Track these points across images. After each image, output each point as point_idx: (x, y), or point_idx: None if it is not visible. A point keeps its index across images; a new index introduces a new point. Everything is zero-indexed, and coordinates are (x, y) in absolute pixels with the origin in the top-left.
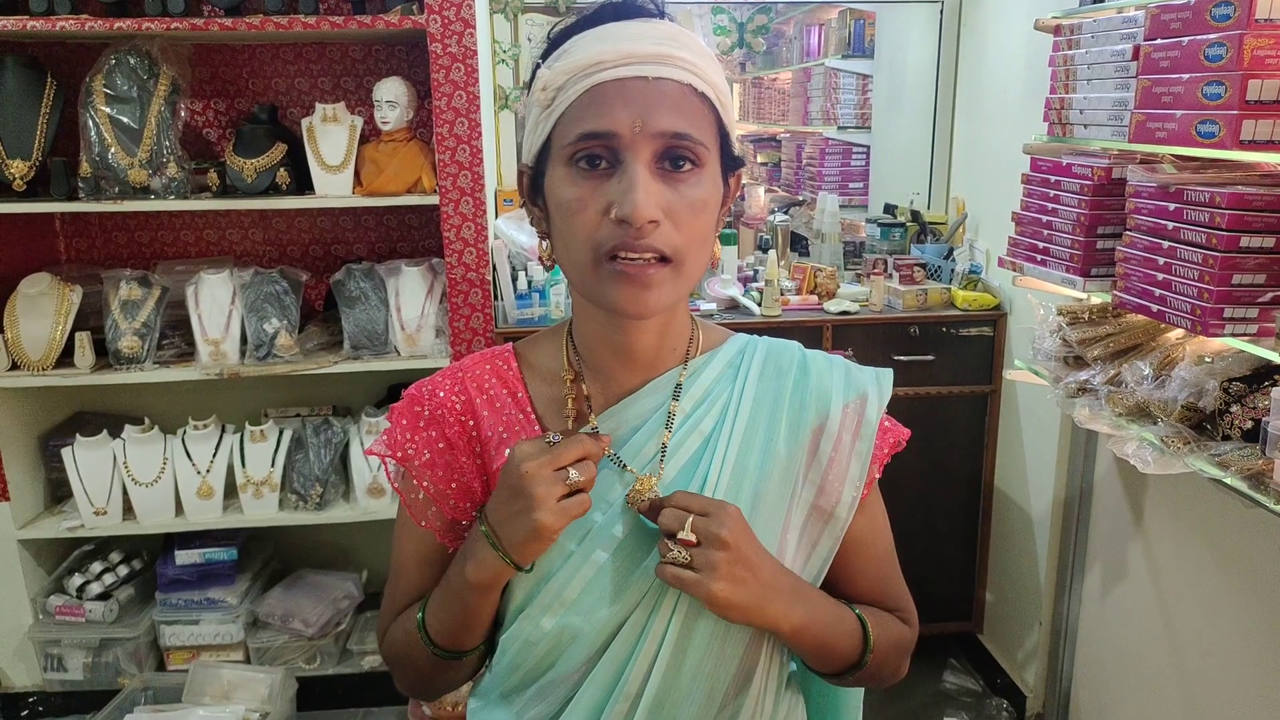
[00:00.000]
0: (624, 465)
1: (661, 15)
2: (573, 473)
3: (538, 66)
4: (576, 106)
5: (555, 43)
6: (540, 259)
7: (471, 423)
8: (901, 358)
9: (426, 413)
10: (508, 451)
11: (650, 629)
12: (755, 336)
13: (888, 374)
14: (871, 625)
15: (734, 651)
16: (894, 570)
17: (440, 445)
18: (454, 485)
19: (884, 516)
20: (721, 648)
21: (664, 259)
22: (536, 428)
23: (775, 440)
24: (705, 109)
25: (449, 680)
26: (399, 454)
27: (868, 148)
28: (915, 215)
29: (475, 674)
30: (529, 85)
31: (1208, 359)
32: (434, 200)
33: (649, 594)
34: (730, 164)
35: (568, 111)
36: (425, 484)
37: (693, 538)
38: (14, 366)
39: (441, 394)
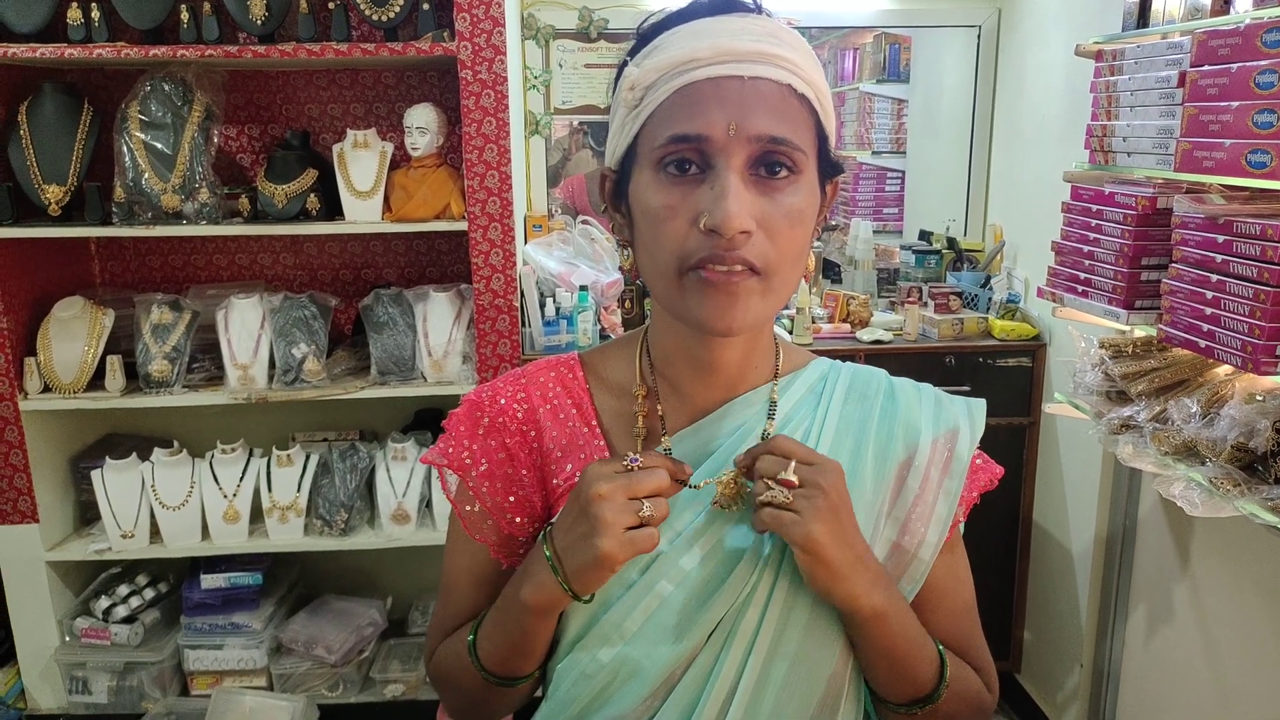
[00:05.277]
0: (697, 489)
1: (759, 10)
2: (646, 504)
3: (625, 64)
4: (666, 107)
5: (644, 39)
6: (621, 267)
7: (533, 433)
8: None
9: (487, 420)
10: (582, 470)
11: (720, 671)
12: (839, 361)
13: (980, 405)
14: (950, 662)
15: (812, 695)
16: (974, 627)
17: (500, 455)
18: (512, 499)
19: (967, 566)
20: (801, 692)
21: (754, 270)
22: (601, 443)
23: (859, 473)
24: (805, 111)
25: (498, 707)
26: (455, 463)
27: (902, 173)
28: (951, 242)
29: (526, 702)
30: (615, 84)
31: (1259, 397)
32: (463, 226)
33: (717, 632)
34: (828, 170)
35: (657, 112)
36: (482, 495)
37: (794, 479)
38: (46, 389)
39: (503, 401)
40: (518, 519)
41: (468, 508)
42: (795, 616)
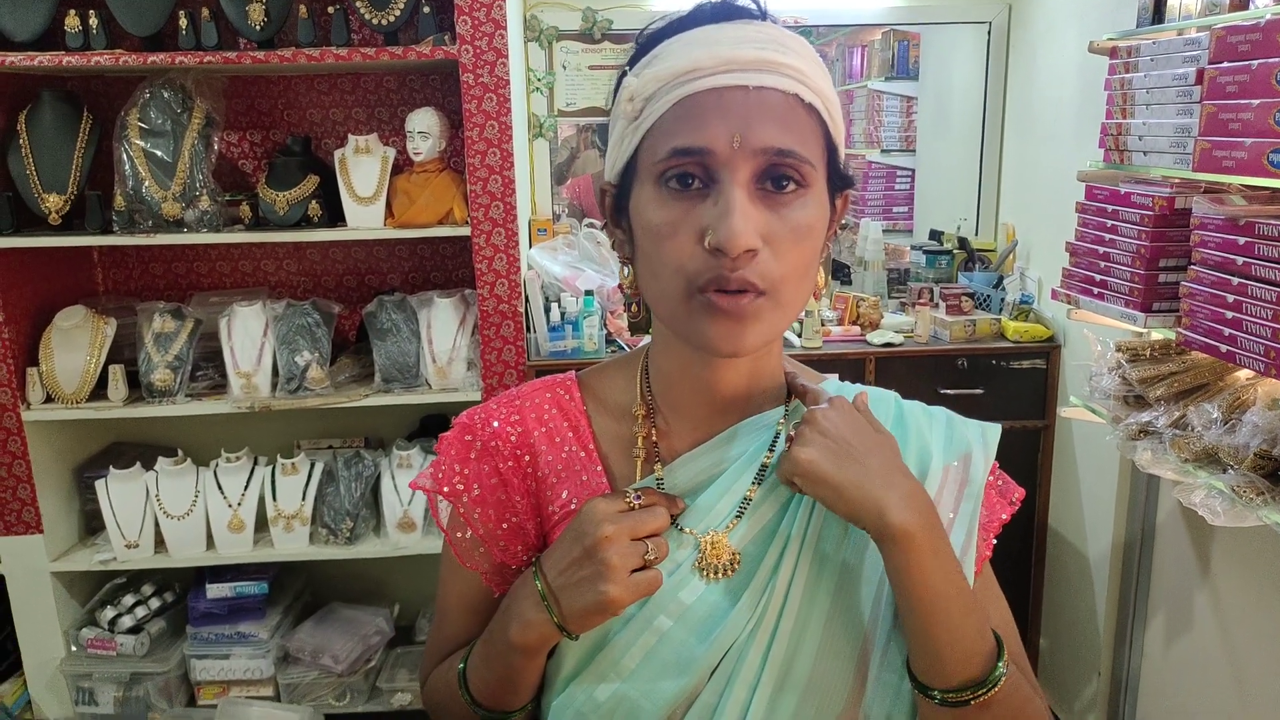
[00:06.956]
0: (682, 533)
1: (764, 16)
2: (649, 545)
3: (624, 74)
4: (668, 119)
5: (644, 47)
6: (621, 285)
7: (528, 458)
8: (949, 391)
9: (479, 444)
10: (583, 506)
11: (724, 710)
12: (848, 384)
13: (995, 429)
14: (1008, 648)
15: None
16: (1018, 655)
17: (492, 480)
18: (505, 526)
19: (1001, 600)
20: None
21: (760, 291)
22: (599, 467)
23: None
24: (812, 122)
25: None
26: (446, 488)
27: (912, 171)
28: (963, 242)
29: None
30: (614, 94)
31: None
32: (466, 231)
33: (720, 670)
34: (838, 182)
35: (657, 124)
36: (474, 522)
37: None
38: (48, 399)
39: (496, 424)
40: (511, 546)
41: (459, 534)
42: (803, 650)
